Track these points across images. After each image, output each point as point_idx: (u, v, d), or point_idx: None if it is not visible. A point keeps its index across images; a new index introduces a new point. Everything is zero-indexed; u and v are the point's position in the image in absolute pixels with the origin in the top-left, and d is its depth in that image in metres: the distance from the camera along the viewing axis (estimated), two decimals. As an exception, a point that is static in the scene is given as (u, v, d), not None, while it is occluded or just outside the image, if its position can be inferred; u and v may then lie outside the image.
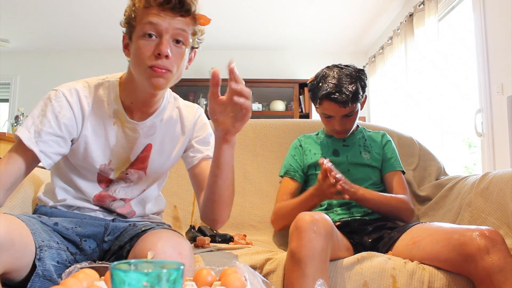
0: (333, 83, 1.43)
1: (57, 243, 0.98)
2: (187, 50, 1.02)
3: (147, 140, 1.12)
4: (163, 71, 0.98)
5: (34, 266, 0.90)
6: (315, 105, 1.53)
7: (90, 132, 1.07)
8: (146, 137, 1.12)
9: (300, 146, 1.62)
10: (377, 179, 1.54)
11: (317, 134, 1.65)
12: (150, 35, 0.97)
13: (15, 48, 4.91)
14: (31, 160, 1.00)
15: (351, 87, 1.42)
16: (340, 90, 1.41)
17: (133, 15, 0.99)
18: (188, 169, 1.22)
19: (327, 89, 1.43)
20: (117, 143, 1.09)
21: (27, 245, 0.89)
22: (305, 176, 1.59)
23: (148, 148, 1.13)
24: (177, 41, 0.99)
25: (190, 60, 1.08)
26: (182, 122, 1.18)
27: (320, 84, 1.46)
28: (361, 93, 1.46)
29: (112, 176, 1.12)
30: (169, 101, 1.17)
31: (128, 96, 1.08)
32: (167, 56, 0.96)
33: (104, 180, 1.12)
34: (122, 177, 1.13)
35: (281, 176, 1.61)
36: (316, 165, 1.55)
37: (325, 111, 1.48)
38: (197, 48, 1.08)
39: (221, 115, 0.96)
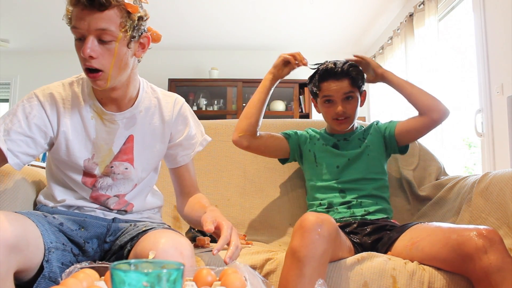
0: (330, 65, 1.54)
1: (63, 244, 0.99)
2: (119, 45, 0.98)
3: (128, 131, 1.13)
4: (96, 73, 0.98)
5: (41, 267, 0.91)
6: (315, 96, 1.59)
7: (70, 128, 1.08)
8: (127, 128, 1.13)
9: (307, 132, 1.67)
10: (378, 169, 1.54)
11: (320, 131, 1.67)
12: (79, 39, 0.98)
13: (15, 48, 4.91)
14: (0, 159, 1.03)
15: (347, 65, 1.52)
16: (336, 65, 1.52)
17: (67, 19, 1.01)
18: (173, 168, 1.25)
19: (324, 69, 1.53)
20: (98, 136, 1.10)
21: (38, 246, 0.90)
22: (299, 151, 1.64)
23: (130, 139, 1.13)
24: (103, 41, 0.97)
25: (143, 46, 1.06)
26: (161, 111, 1.18)
27: (318, 71, 1.56)
28: (360, 79, 1.54)
29: (97, 171, 1.11)
30: (146, 91, 1.17)
31: (97, 91, 1.10)
32: (91, 57, 0.96)
33: (89, 179, 1.12)
34: (107, 172, 1.12)
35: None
36: (310, 149, 1.61)
37: (325, 93, 1.53)
38: (142, 34, 1.03)
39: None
